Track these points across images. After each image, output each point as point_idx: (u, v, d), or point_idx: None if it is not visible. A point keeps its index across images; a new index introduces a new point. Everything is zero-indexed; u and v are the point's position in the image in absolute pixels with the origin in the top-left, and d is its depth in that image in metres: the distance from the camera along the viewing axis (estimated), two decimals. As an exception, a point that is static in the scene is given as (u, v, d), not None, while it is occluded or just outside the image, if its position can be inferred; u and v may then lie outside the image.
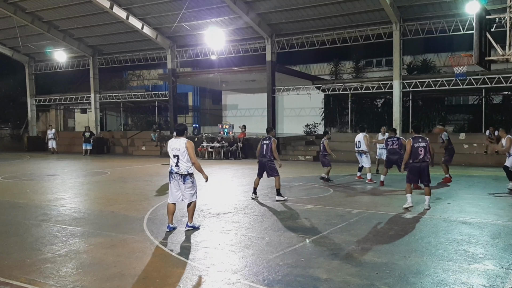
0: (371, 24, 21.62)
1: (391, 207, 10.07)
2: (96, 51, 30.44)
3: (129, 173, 16.88)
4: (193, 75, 29.99)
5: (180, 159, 7.62)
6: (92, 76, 30.79)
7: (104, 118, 35.99)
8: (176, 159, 7.63)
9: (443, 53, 28.04)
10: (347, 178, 15.48)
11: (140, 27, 25.08)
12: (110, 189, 13.25)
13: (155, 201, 10.84)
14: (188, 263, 6.07)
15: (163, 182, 14.59)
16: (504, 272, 5.62)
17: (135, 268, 5.86)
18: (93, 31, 27.55)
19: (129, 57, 29.46)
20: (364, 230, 7.89)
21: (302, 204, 10.33)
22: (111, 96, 31.14)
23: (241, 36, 24.90)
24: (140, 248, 6.80)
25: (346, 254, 6.43)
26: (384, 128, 16.61)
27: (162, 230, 7.92)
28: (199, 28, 24.38)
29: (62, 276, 5.60)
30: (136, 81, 40.24)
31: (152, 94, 30.46)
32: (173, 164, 7.71)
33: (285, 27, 23.50)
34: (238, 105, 35.02)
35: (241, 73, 26.62)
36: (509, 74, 19.42)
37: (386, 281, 5.32)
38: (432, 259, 6.16)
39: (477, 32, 9.91)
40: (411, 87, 21.56)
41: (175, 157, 7.65)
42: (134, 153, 29.25)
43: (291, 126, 29.56)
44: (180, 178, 7.75)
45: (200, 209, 9.84)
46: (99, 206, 10.52)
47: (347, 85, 24.14)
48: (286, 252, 6.50)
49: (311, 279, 5.40)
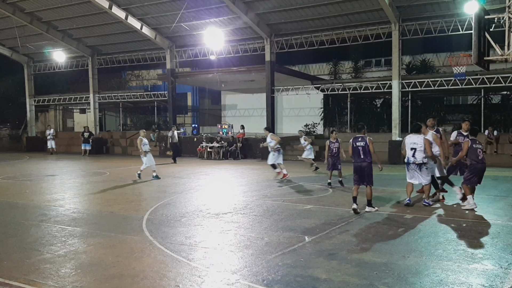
0: (370, 24, 21.64)
1: (389, 207, 10.07)
2: (95, 51, 30.42)
3: (128, 174, 16.86)
4: (192, 75, 29.98)
5: (417, 151, 9.53)
6: (91, 76, 30.77)
7: (103, 118, 35.95)
8: (413, 152, 9.57)
9: (442, 53, 28.05)
10: (347, 178, 15.46)
11: (139, 27, 25.07)
12: (109, 190, 13.24)
13: (154, 202, 10.83)
14: (188, 263, 6.06)
15: (161, 182, 14.60)
16: (503, 272, 5.63)
17: (134, 268, 5.86)
18: (92, 31, 27.54)
19: (128, 57, 29.46)
20: (363, 230, 7.90)
21: (301, 204, 10.33)
22: (110, 96, 31.12)
23: (240, 36, 24.90)
24: (139, 248, 6.80)
25: (345, 254, 6.43)
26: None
27: (162, 230, 7.91)
28: (198, 28, 24.38)
29: (61, 276, 5.60)
30: (135, 81, 40.22)
31: (151, 94, 30.45)
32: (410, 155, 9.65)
33: (284, 27, 23.51)
34: (237, 105, 35.01)
35: (240, 73, 26.62)
36: (507, 74, 19.43)
37: (386, 281, 5.32)
38: (431, 259, 6.16)
39: (476, 32, 9.91)
40: (410, 87, 21.58)
41: (412, 150, 9.59)
42: (133, 153, 29.20)
43: (290, 126, 29.53)
44: (417, 167, 9.61)
45: (199, 209, 9.87)
46: (98, 206, 10.51)
47: (346, 85, 24.15)
48: (285, 252, 6.49)
49: (310, 279, 5.40)
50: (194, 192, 12.52)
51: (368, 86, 23.41)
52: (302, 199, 11.10)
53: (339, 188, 12.98)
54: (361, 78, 27.05)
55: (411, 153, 9.65)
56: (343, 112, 27.73)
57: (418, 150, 9.54)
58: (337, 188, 12.95)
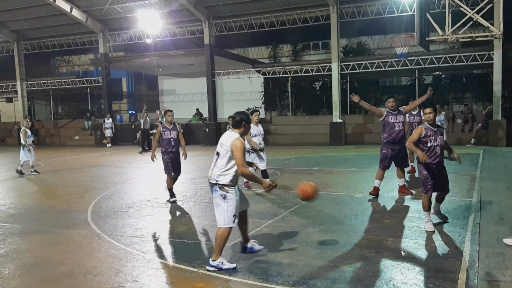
0: (309, 6, 21.71)
1: (340, 187, 10.18)
2: (21, 36, 28.45)
3: (65, 164, 15.98)
4: (127, 59, 28.85)
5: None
6: (17, 63, 28.81)
7: (32, 107, 33.87)
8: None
9: (377, 36, 28.79)
10: (292, 161, 15.55)
11: (69, 9, 23.62)
12: (46, 182, 12.45)
13: (97, 193, 10.28)
14: (142, 256, 5.74)
15: (102, 172, 13.95)
16: (458, 245, 5.77)
17: (85, 265, 5.45)
18: (17, 15, 25.60)
19: (58, 42, 27.81)
20: (318, 211, 7.89)
21: (252, 189, 10.18)
22: (39, 83, 29.33)
23: (177, 19, 24.18)
24: (88, 243, 6.36)
25: (304, 236, 6.36)
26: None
27: (109, 222, 7.48)
28: (132, 10, 23.32)
29: (5, 278, 5.09)
30: (65, 67, 38.20)
31: (84, 80, 29.02)
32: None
33: (223, 9, 23.07)
34: (176, 90, 34.21)
35: (179, 57, 25.92)
36: (440, 55, 20.25)
37: (349, 261, 5.30)
38: (388, 237, 6.21)
39: (418, 12, 10.12)
40: (349, 69, 21.97)
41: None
42: (67, 143, 27.89)
43: (231, 110, 29.23)
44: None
45: (146, 199, 9.49)
46: (37, 200, 9.82)
47: (287, 68, 24.20)
48: (244, 239, 6.31)
49: (274, 264, 5.27)
50: (138, 182, 12.04)
51: (309, 69, 23.59)
52: (253, 184, 10.93)
53: (287, 171, 12.97)
54: (301, 61, 27.22)
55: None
56: (284, 95, 27.87)
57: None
58: (285, 171, 12.93)
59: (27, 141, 13.71)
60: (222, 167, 5.15)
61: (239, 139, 5.12)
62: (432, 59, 20.10)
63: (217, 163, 5.21)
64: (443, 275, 4.80)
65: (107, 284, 4.86)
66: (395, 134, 8.55)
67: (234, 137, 5.13)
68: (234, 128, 5.31)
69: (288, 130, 23.86)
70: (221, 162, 5.17)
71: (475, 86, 23.79)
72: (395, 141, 8.56)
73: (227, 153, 5.12)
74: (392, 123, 8.56)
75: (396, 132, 8.55)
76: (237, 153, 5.05)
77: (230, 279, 4.91)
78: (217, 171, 5.18)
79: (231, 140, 5.12)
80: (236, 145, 5.05)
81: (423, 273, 4.90)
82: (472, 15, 10.74)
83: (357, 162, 14.59)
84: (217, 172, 5.18)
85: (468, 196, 8.70)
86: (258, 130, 10.14)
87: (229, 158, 5.12)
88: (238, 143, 5.07)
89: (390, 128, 8.58)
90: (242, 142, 5.12)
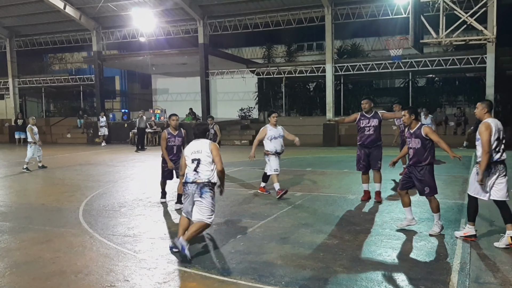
0: (303, 7, 21.74)
1: (332, 189, 10.19)
2: (13, 32, 28.26)
3: (57, 163, 15.87)
4: (121, 57, 28.69)
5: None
6: (9, 60, 28.62)
7: (23, 104, 33.61)
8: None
9: (371, 38, 28.88)
10: (285, 162, 15.53)
11: (62, 6, 23.48)
12: (37, 180, 12.36)
13: (89, 191, 10.22)
14: (134, 256, 5.70)
15: (94, 171, 13.88)
16: (450, 248, 5.79)
17: (76, 264, 5.41)
18: (9, 11, 25.37)
19: (50, 39, 27.62)
20: (311, 212, 7.89)
21: (245, 189, 10.18)
22: (31, 80, 29.15)
23: (171, 18, 24.11)
24: (79, 242, 6.31)
25: (297, 237, 6.35)
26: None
27: (101, 221, 7.43)
28: (126, 8, 23.22)
29: (-6, 277, 5.04)
30: (58, 64, 37.92)
31: (76, 78, 28.87)
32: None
33: (217, 9, 23.04)
34: (169, 89, 34.09)
35: (172, 56, 25.84)
36: (434, 57, 20.36)
37: (341, 263, 5.30)
38: (380, 239, 6.24)
39: (413, 15, 10.15)
40: (343, 71, 22.02)
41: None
42: (58, 141, 27.69)
43: (225, 110, 29.25)
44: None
45: (138, 198, 9.45)
46: (27, 198, 9.74)
47: (281, 69, 24.21)
48: (236, 239, 6.31)
49: (266, 265, 5.25)
50: (130, 181, 11.98)
51: (303, 70, 23.62)
52: (245, 184, 10.94)
53: (280, 171, 12.92)
54: (295, 62, 27.25)
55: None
56: (277, 96, 27.88)
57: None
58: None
59: (35, 137, 14.04)
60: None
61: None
62: (425, 61, 20.22)
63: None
64: (434, 277, 4.82)
65: (98, 283, 4.83)
66: (365, 138, 8.52)
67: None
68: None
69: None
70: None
71: (468, 89, 23.98)
72: (365, 144, 8.55)
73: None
74: (363, 127, 8.55)
75: (365, 136, 8.52)
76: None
77: (222, 279, 4.89)
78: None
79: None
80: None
81: (414, 275, 4.90)
82: (466, 19, 10.82)
83: (350, 163, 14.55)
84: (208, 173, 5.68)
85: (460, 198, 8.74)
86: (277, 132, 9.38)
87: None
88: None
89: (361, 131, 8.60)
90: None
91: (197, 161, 5.67)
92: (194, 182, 5.62)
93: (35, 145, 14.08)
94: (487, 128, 5.80)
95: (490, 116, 6.01)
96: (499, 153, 5.88)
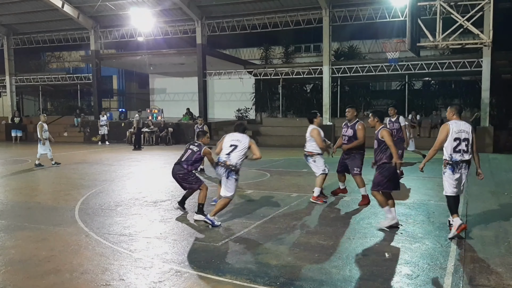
0: (301, 9, 21.80)
1: (328, 190, 10.18)
2: (11, 30, 28.20)
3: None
4: (118, 57, 28.71)
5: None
6: (6, 58, 28.54)
7: (20, 102, 33.57)
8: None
9: (368, 40, 28.97)
10: (281, 162, 15.58)
11: (61, 5, 23.47)
12: (33, 179, 12.34)
13: (85, 190, 10.21)
14: (130, 255, 5.71)
15: (90, 169, 13.86)
16: (444, 250, 5.83)
17: (71, 262, 5.42)
18: (8, 9, 25.36)
19: (48, 37, 27.59)
20: (306, 213, 7.93)
21: (241, 189, 10.17)
22: (28, 79, 29.08)
23: (169, 18, 24.13)
24: (75, 240, 6.32)
25: (292, 238, 6.38)
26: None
27: (97, 220, 7.43)
28: (124, 7, 23.25)
29: (-12, 275, 5.05)
30: (55, 63, 37.91)
31: (74, 77, 28.82)
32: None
33: (216, 9, 23.07)
34: (167, 89, 34.11)
35: (170, 56, 25.86)
36: (430, 61, 20.45)
37: (335, 264, 5.33)
38: (375, 240, 6.27)
39: (410, 18, 10.21)
40: (340, 73, 22.07)
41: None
42: (55, 139, 27.55)
43: (222, 111, 29.30)
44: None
45: (135, 197, 9.43)
46: (23, 197, 9.71)
47: (279, 70, 24.25)
48: (232, 239, 6.33)
49: (262, 265, 5.28)
50: (127, 180, 11.97)
51: (300, 71, 23.66)
52: (241, 184, 10.92)
53: (276, 172, 12.99)
54: (292, 64, 27.30)
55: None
56: (274, 97, 27.92)
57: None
58: (274, 172, 12.95)
59: (44, 135, 14.16)
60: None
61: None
62: (422, 64, 20.29)
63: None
64: (428, 279, 4.85)
65: (94, 282, 4.84)
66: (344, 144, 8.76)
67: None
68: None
69: (278, 131, 23.88)
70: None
71: (464, 93, 24.07)
72: (343, 151, 8.83)
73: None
74: (342, 134, 8.89)
75: (344, 143, 8.77)
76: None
77: (218, 279, 4.91)
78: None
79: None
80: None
81: (408, 277, 4.93)
82: (462, 22, 10.88)
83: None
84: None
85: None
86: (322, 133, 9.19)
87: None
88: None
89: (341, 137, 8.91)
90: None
91: (234, 147, 7.06)
92: (223, 162, 6.94)
93: (46, 141, 14.26)
94: (443, 128, 6.35)
95: (457, 119, 6.37)
96: (459, 153, 6.20)
